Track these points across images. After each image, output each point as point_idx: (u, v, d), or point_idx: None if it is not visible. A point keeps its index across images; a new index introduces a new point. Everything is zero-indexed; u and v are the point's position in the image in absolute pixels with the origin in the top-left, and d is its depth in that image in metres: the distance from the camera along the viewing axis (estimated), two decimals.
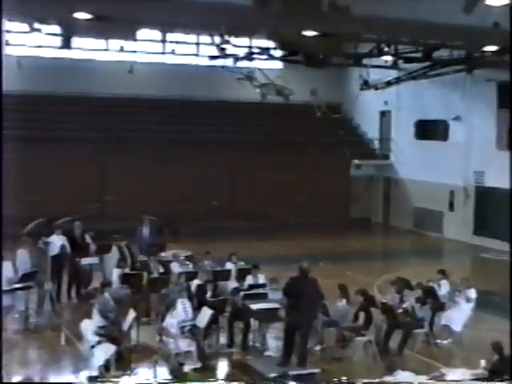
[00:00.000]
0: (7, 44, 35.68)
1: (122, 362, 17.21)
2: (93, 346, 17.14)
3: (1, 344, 11.88)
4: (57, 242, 24.01)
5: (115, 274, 22.22)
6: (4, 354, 19.21)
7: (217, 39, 34.02)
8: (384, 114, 45.02)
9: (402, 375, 15.42)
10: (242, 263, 22.84)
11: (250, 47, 37.48)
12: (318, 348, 19.15)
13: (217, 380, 16.96)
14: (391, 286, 20.91)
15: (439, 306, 20.75)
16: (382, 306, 19.94)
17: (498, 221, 36.05)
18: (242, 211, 38.38)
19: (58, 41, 36.32)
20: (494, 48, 27.74)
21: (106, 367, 16.79)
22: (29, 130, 36.70)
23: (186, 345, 17.74)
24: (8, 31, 35.11)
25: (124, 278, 21.78)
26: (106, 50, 40.64)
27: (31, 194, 34.98)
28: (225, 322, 19.66)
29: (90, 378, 16.75)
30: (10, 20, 33.33)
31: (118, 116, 39.13)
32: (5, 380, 12.20)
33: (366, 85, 40.50)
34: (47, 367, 18.28)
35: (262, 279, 21.21)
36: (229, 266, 22.56)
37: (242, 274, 21.72)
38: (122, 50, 39.70)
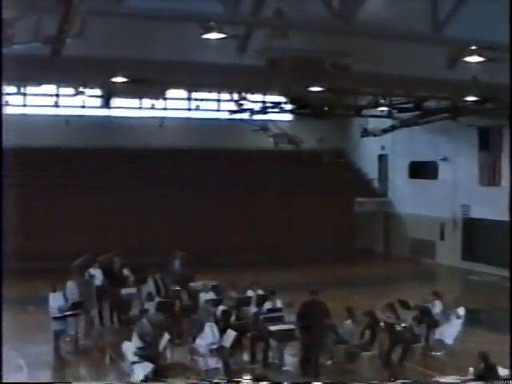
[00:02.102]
0: (56, 106, 36.06)
1: (159, 377, 17.22)
2: (133, 364, 17.21)
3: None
4: (99, 274, 24.16)
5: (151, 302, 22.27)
6: (58, 372, 19.43)
7: (235, 96, 34.25)
8: (382, 158, 44.99)
9: None
10: (260, 291, 22.84)
11: (264, 102, 37.63)
12: (329, 362, 19.15)
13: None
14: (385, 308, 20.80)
15: (433, 323, 20.76)
16: (385, 325, 19.92)
17: (482, 247, 36.05)
18: (260, 245, 38.29)
19: (99, 101, 36.58)
20: (473, 98, 27.82)
21: (145, 382, 16.83)
22: (75, 178, 36.99)
23: (213, 362, 17.78)
24: (57, 95, 35.49)
25: (159, 306, 21.84)
26: (140, 107, 40.88)
27: (80, 233, 35.17)
28: (247, 341, 19.69)
29: None
30: (58, 86, 33.79)
31: (151, 165, 39.25)
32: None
33: (365, 132, 40.57)
34: (94, 382, 18.35)
35: (278, 304, 21.22)
36: (249, 293, 22.58)
37: (261, 300, 21.74)
38: (153, 107, 39.91)
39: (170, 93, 37.09)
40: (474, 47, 18.81)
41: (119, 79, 22.39)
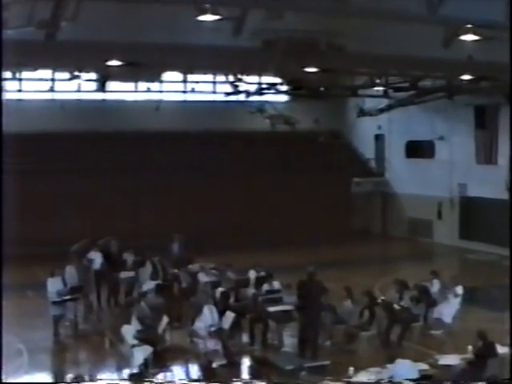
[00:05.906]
0: (52, 90, 35.95)
1: (159, 360, 17.30)
2: (133, 347, 17.25)
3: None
4: (98, 258, 24.20)
5: (149, 285, 22.31)
6: (57, 356, 19.49)
7: (231, 78, 34.16)
8: (378, 137, 44.88)
9: (401, 363, 15.42)
10: (262, 272, 22.82)
11: (260, 83, 37.53)
12: (328, 343, 19.20)
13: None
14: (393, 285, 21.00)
15: (432, 302, 20.83)
16: (382, 305, 20.00)
17: (480, 226, 36.12)
18: (257, 227, 38.25)
19: (95, 85, 36.48)
20: (469, 77, 27.78)
21: (144, 365, 16.90)
22: (72, 162, 36.90)
23: (213, 344, 17.82)
24: (52, 79, 35.38)
25: (158, 289, 21.88)
26: (136, 91, 40.79)
27: (78, 217, 35.21)
28: (246, 323, 19.74)
29: (131, 375, 16.87)
30: (53, 70, 33.67)
31: (147, 148, 39.13)
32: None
33: (361, 112, 40.53)
34: (94, 366, 18.40)
35: (277, 285, 21.25)
36: (250, 274, 22.61)
37: (259, 282, 21.77)
38: (149, 90, 39.82)
39: (166, 75, 36.93)
40: (469, 26, 18.74)
41: (114, 63, 22.29)
